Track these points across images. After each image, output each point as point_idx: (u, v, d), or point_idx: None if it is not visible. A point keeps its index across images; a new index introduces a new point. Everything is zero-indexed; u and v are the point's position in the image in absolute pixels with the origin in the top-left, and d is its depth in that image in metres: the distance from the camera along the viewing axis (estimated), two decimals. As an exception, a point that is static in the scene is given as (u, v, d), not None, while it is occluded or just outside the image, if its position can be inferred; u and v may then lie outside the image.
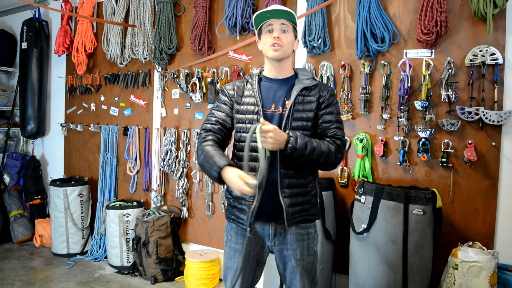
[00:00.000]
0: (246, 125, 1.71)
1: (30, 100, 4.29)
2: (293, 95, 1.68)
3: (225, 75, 3.28)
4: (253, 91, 1.73)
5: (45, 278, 3.34)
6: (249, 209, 1.67)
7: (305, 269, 1.74)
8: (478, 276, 2.11)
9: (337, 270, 2.81)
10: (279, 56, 1.69)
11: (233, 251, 1.78)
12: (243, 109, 1.73)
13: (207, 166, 1.60)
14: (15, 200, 4.38)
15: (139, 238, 3.33)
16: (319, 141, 1.63)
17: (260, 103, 1.70)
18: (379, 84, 2.70)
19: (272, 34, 1.68)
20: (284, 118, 1.65)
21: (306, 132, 1.68)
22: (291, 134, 1.57)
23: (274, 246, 1.76)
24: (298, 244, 1.73)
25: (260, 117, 1.67)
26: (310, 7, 2.84)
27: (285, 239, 1.74)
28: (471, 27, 2.42)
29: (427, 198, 2.22)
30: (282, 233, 1.75)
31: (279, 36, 1.67)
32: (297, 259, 1.73)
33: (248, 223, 1.67)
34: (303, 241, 1.74)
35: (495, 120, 2.29)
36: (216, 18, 3.35)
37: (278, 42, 1.67)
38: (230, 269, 1.79)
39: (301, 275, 1.73)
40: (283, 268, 1.80)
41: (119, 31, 3.79)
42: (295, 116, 1.67)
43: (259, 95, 1.71)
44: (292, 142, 1.55)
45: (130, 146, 3.83)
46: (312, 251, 1.77)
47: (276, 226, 1.74)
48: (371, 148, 2.72)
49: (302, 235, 1.74)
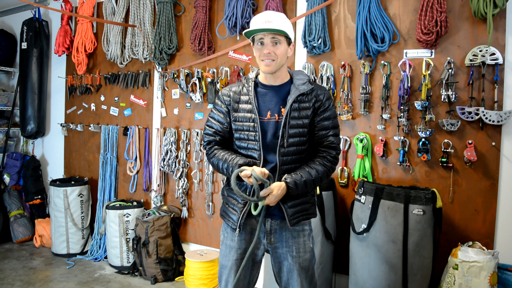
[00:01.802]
0: (244, 132, 1.72)
1: (30, 100, 4.29)
2: (288, 103, 1.67)
3: (225, 75, 3.28)
4: (250, 97, 1.73)
5: (45, 278, 3.34)
6: (240, 212, 1.71)
7: (302, 266, 1.74)
8: (478, 276, 2.11)
9: (337, 270, 2.81)
10: (271, 70, 1.68)
11: (229, 249, 1.79)
12: (240, 117, 1.73)
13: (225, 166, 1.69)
14: (15, 200, 4.38)
15: (139, 238, 3.33)
16: (315, 167, 1.67)
17: (257, 111, 1.69)
18: (379, 84, 2.70)
19: (263, 49, 1.65)
20: (280, 127, 1.66)
21: (302, 139, 1.70)
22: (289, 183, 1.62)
23: (269, 244, 1.77)
24: (294, 241, 1.74)
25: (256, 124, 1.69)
26: (310, 7, 2.84)
27: (281, 236, 1.75)
28: (471, 27, 2.42)
29: (427, 198, 2.22)
30: (277, 230, 1.76)
31: (269, 51, 1.64)
32: (293, 256, 1.73)
33: (237, 224, 1.72)
34: (299, 238, 1.75)
35: (495, 120, 2.29)
36: (216, 18, 3.35)
37: (269, 58, 1.65)
38: (225, 267, 1.79)
39: (298, 273, 1.73)
40: (279, 269, 1.80)
41: (119, 31, 3.79)
42: (291, 123, 1.67)
43: (255, 102, 1.71)
44: (293, 190, 1.63)
45: (130, 146, 3.83)
46: (308, 248, 1.78)
47: (272, 223, 1.75)
48: (371, 148, 2.72)
49: (298, 232, 1.76)
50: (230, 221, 1.76)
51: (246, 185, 1.71)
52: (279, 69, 1.70)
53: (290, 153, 1.69)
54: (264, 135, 1.70)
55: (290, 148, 1.68)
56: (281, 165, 1.68)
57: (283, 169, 1.69)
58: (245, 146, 1.73)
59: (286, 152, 1.68)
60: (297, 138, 1.69)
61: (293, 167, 1.70)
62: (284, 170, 1.69)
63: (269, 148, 1.70)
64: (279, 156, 1.67)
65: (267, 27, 1.61)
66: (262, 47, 1.66)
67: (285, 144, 1.67)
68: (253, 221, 1.77)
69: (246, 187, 1.72)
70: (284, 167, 1.69)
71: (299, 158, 1.73)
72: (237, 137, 1.76)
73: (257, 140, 1.69)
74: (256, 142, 1.69)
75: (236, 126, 1.74)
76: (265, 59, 1.65)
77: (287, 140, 1.66)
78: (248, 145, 1.72)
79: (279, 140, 1.66)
